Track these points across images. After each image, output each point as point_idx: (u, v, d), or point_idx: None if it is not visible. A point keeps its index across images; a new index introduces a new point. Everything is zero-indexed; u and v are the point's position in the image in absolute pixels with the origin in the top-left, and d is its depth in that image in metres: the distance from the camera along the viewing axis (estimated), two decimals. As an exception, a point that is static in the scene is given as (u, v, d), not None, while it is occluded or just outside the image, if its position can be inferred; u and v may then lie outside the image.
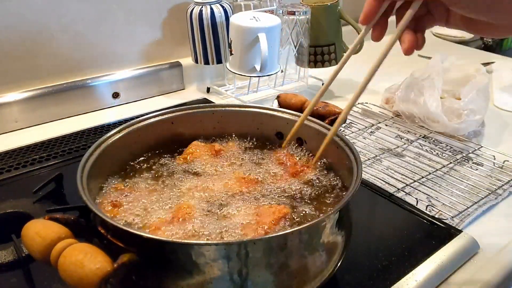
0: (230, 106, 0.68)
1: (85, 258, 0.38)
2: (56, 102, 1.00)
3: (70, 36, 0.99)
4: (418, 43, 0.48)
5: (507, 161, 0.82)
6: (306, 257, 0.46)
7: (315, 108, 0.64)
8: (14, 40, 0.93)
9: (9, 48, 0.93)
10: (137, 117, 0.63)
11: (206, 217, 0.51)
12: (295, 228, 0.44)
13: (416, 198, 0.72)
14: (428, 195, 0.73)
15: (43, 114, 0.99)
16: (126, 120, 0.67)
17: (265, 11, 1.04)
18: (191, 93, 1.16)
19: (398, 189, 0.74)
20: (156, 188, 0.57)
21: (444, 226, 0.65)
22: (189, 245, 0.43)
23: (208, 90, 1.15)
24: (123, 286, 0.42)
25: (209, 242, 0.43)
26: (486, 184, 0.76)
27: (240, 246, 0.42)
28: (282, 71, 1.12)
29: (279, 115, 0.65)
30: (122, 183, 0.58)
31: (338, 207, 0.46)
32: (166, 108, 0.66)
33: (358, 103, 1.05)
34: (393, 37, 0.48)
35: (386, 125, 0.97)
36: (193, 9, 1.04)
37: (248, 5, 1.11)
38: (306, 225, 0.44)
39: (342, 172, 0.58)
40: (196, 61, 1.11)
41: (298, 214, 0.53)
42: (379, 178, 0.77)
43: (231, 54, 1.01)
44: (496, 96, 1.11)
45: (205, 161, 0.62)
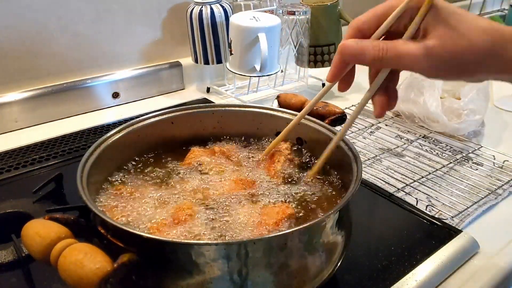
0: (230, 106, 0.68)
1: (85, 258, 0.38)
2: (56, 102, 1.00)
3: (70, 36, 0.99)
4: (391, 104, 0.50)
5: (507, 161, 0.82)
6: (306, 257, 0.46)
7: (315, 108, 0.64)
8: (14, 40, 0.93)
9: (9, 48, 0.93)
10: (137, 117, 0.63)
11: (207, 217, 0.51)
12: (295, 228, 0.44)
13: (416, 198, 0.72)
14: (428, 195, 0.73)
15: (43, 114, 0.99)
16: (126, 120, 0.67)
17: (265, 11, 1.04)
18: (191, 93, 1.16)
19: (398, 189, 0.74)
20: (156, 188, 0.57)
21: (444, 226, 0.65)
22: (189, 245, 0.43)
23: (208, 90, 1.15)
24: (123, 286, 0.42)
25: (209, 242, 0.43)
26: (486, 184, 0.76)
27: (240, 246, 0.42)
28: (282, 71, 1.12)
29: (279, 115, 0.65)
30: (122, 183, 0.58)
31: (338, 207, 0.45)
32: (166, 108, 0.66)
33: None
34: (365, 98, 0.50)
35: (386, 125, 0.97)
36: (193, 9, 1.04)
37: (248, 5, 1.11)
38: (306, 225, 0.44)
39: (342, 172, 0.58)
40: (196, 61, 1.11)
41: (299, 214, 0.53)
42: (379, 178, 0.77)
43: (231, 54, 1.01)
44: (496, 96, 1.11)
45: (206, 163, 0.62)
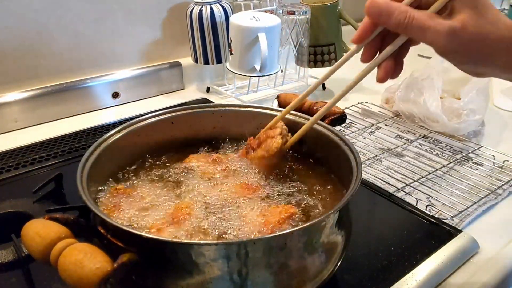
0: (230, 106, 0.68)
1: (85, 258, 0.38)
2: (56, 102, 1.00)
3: (70, 36, 0.99)
4: (395, 73, 0.48)
5: (507, 161, 0.82)
6: (306, 257, 0.46)
7: (315, 108, 0.64)
8: (14, 40, 0.93)
9: (9, 48, 0.93)
10: (137, 117, 0.63)
11: (205, 216, 0.51)
12: (295, 228, 0.44)
13: (416, 198, 0.72)
14: (428, 195, 0.73)
15: (43, 114, 0.99)
16: (126, 120, 0.67)
17: (265, 11, 1.04)
18: (191, 93, 1.16)
19: (398, 189, 0.74)
20: (156, 188, 0.57)
21: (444, 226, 0.65)
22: (189, 245, 0.43)
23: (208, 90, 1.15)
24: (123, 286, 0.42)
25: (209, 242, 0.43)
26: (486, 184, 0.76)
27: (240, 246, 0.42)
28: (282, 71, 1.12)
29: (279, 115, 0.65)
30: (122, 183, 0.58)
31: (338, 207, 0.45)
32: (166, 108, 0.66)
33: (358, 103, 1.05)
34: (374, 62, 0.48)
35: (386, 125, 0.97)
36: (193, 9, 1.04)
37: (248, 5, 1.11)
38: (306, 225, 0.44)
39: (342, 172, 0.58)
40: (196, 61, 1.11)
41: (299, 215, 0.53)
42: (379, 178, 0.77)
43: (231, 54, 1.01)
44: (496, 96, 1.11)
45: (205, 168, 0.62)
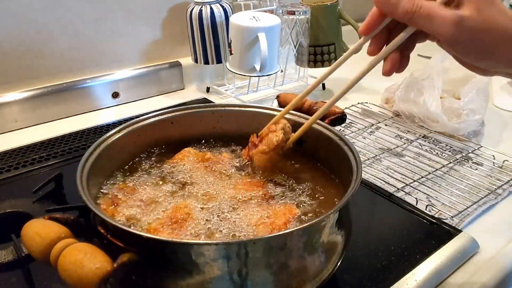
0: (230, 106, 0.68)
1: (85, 258, 0.38)
2: (56, 102, 1.00)
3: (70, 36, 0.99)
4: (401, 67, 0.47)
5: (507, 161, 0.82)
6: (306, 257, 0.46)
7: (315, 108, 0.64)
8: (14, 40, 0.93)
9: (9, 48, 0.93)
10: (137, 117, 0.63)
11: (204, 216, 0.51)
12: (295, 228, 0.44)
13: (416, 198, 0.72)
14: (428, 195, 0.73)
15: (43, 114, 0.99)
16: (126, 120, 0.67)
17: (265, 11, 1.04)
18: (191, 93, 1.16)
19: (398, 189, 0.74)
20: (156, 188, 0.57)
21: (444, 226, 0.65)
22: (189, 245, 0.43)
23: (208, 90, 1.15)
24: (123, 286, 0.42)
25: (209, 242, 0.43)
26: (486, 184, 0.76)
27: (240, 246, 0.42)
28: (282, 71, 1.12)
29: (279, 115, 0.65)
30: (122, 183, 0.58)
31: (338, 207, 0.45)
32: (166, 108, 0.66)
33: (358, 103, 1.05)
34: (380, 55, 0.47)
35: (386, 125, 0.97)
36: (193, 9, 1.04)
37: (248, 5, 1.11)
38: (306, 225, 0.44)
39: (342, 172, 0.58)
40: (196, 61, 1.11)
41: (300, 214, 0.53)
42: (379, 178, 0.77)
43: (231, 54, 1.01)
44: (496, 96, 1.11)
45: (196, 168, 0.62)
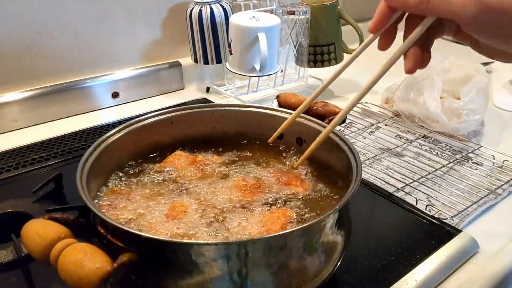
0: (230, 106, 0.68)
1: (85, 258, 0.38)
2: (56, 102, 1.00)
3: (70, 36, 0.99)
4: (424, 62, 0.45)
5: (507, 161, 0.82)
6: (306, 257, 0.46)
7: (315, 108, 0.64)
8: (14, 40, 0.93)
9: (9, 48, 0.93)
10: (137, 117, 0.63)
11: (203, 215, 0.51)
12: (295, 228, 0.44)
13: (416, 198, 0.72)
14: (428, 195, 0.73)
15: (43, 114, 0.99)
16: (126, 120, 0.67)
17: (265, 11, 1.04)
18: (191, 93, 1.15)
19: (398, 189, 0.74)
20: (156, 188, 0.57)
21: (444, 226, 0.65)
22: (189, 245, 0.43)
23: (208, 90, 1.15)
24: (123, 286, 0.42)
25: (209, 242, 0.43)
26: (486, 184, 0.76)
27: (240, 246, 0.42)
28: (282, 71, 1.12)
29: (279, 115, 0.65)
30: (122, 183, 0.58)
31: (338, 207, 0.46)
32: (166, 108, 0.66)
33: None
34: (398, 52, 0.44)
35: (386, 125, 0.97)
36: (193, 9, 1.04)
37: (248, 5, 1.10)
38: (306, 225, 0.44)
39: (342, 172, 0.58)
40: (196, 61, 1.11)
41: (299, 215, 0.53)
42: (379, 178, 0.77)
43: (231, 54, 1.01)
44: (496, 96, 1.11)
45: (188, 170, 0.61)
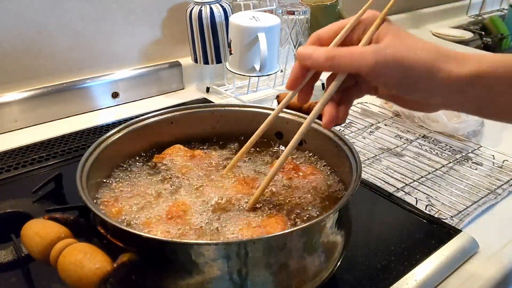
0: (230, 106, 0.68)
1: (85, 258, 0.38)
2: (56, 102, 1.00)
3: (70, 36, 0.99)
4: (339, 117, 0.48)
5: (507, 161, 0.82)
6: (306, 257, 0.46)
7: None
8: (14, 40, 0.93)
9: (9, 48, 0.93)
10: (137, 117, 0.63)
11: (202, 216, 0.51)
12: (295, 228, 0.44)
13: (416, 198, 0.72)
14: (428, 195, 0.73)
15: (43, 114, 0.99)
16: (126, 120, 0.67)
17: (265, 11, 1.04)
18: (191, 93, 1.15)
19: (398, 189, 0.74)
20: (156, 188, 0.57)
21: (444, 226, 0.65)
22: (189, 245, 0.43)
23: (208, 90, 1.15)
24: (123, 286, 0.42)
25: (209, 242, 0.43)
26: (486, 184, 0.76)
27: (240, 246, 0.42)
28: (282, 71, 1.12)
29: (279, 115, 0.65)
30: (122, 183, 0.58)
31: (338, 207, 0.46)
32: (166, 108, 0.66)
33: (358, 103, 1.05)
34: (317, 108, 0.48)
35: (386, 125, 0.97)
36: (193, 9, 1.04)
37: (248, 5, 1.11)
38: (306, 225, 0.44)
39: (342, 172, 0.58)
40: (196, 61, 1.11)
41: (299, 215, 0.53)
42: (379, 178, 0.77)
43: (231, 54, 1.01)
44: (496, 96, 1.11)
45: (187, 166, 0.61)
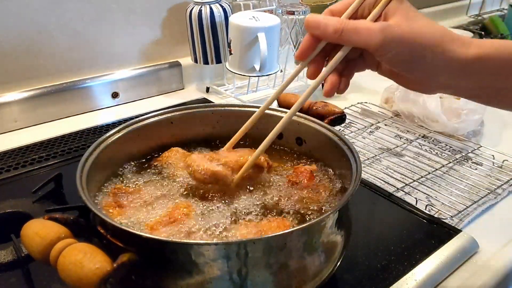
0: (230, 106, 0.68)
1: (85, 258, 0.38)
2: (56, 102, 0.99)
3: (69, 36, 0.99)
4: (340, 87, 0.49)
5: (506, 161, 0.82)
6: (306, 257, 0.46)
7: (315, 108, 0.64)
8: (13, 40, 0.93)
9: (8, 48, 0.93)
10: (137, 117, 0.63)
11: (201, 216, 0.51)
12: (294, 228, 0.44)
13: (416, 198, 0.72)
14: (428, 195, 0.73)
15: (43, 114, 0.99)
16: (126, 120, 0.67)
17: (265, 11, 1.04)
18: (191, 93, 1.15)
19: (398, 189, 0.74)
20: (155, 188, 0.57)
21: (444, 226, 0.65)
22: (189, 245, 0.43)
23: (208, 90, 1.15)
24: (123, 286, 0.42)
25: (209, 242, 0.43)
26: (486, 184, 0.76)
27: (240, 246, 0.42)
28: (282, 71, 1.12)
29: (279, 115, 0.65)
30: (121, 183, 0.58)
31: (338, 207, 0.46)
32: (166, 108, 0.66)
33: (358, 103, 1.05)
34: (319, 77, 0.48)
35: (386, 125, 0.97)
36: (193, 9, 1.04)
37: (248, 5, 1.11)
38: (305, 225, 0.44)
39: (341, 172, 0.58)
40: (196, 61, 1.11)
41: (299, 215, 0.53)
42: (379, 178, 0.77)
43: (231, 54, 1.01)
44: (495, 96, 1.11)
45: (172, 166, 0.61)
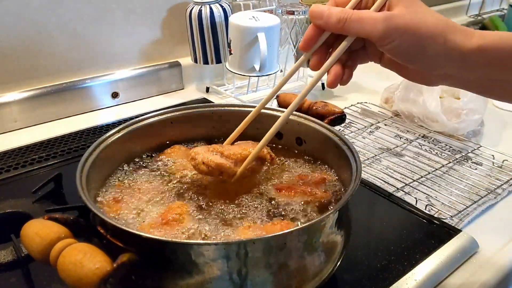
0: (229, 106, 0.68)
1: (85, 258, 0.38)
2: (55, 102, 1.00)
3: (69, 36, 0.99)
4: (344, 78, 0.49)
5: (506, 161, 0.82)
6: (306, 257, 0.46)
7: (314, 108, 0.64)
8: (13, 40, 0.93)
9: (8, 48, 0.93)
10: (136, 117, 0.63)
11: (199, 216, 0.51)
12: (294, 228, 0.44)
13: (416, 198, 0.72)
14: (428, 195, 0.73)
15: (43, 114, 0.99)
16: (125, 120, 0.67)
17: (264, 11, 1.04)
18: (190, 93, 1.15)
19: (398, 189, 0.74)
20: (155, 188, 0.57)
21: (443, 226, 0.65)
22: (189, 245, 0.43)
23: (208, 90, 1.15)
24: (123, 286, 0.42)
25: (209, 242, 0.43)
26: (485, 184, 0.76)
27: (240, 246, 0.42)
28: (282, 71, 1.12)
29: (279, 115, 0.65)
30: (121, 183, 0.58)
31: (337, 207, 0.46)
32: (165, 108, 0.66)
33: (358, 103, 1.05)
34: (323, 68, 0.49)
35: (386, 125, 0.97)
36: (193, 9, 1.04)
37: (247, 5, 1.11)
38: (305, 225, 0.44)
39: (341, 172, 0.58)
40: (196, 61, 1.11)
41: (299, 216, 0.53)
42: (379, 178, 0.77)
43: (231, 54, 1.01)
44: (495, 96, 1.11)
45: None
